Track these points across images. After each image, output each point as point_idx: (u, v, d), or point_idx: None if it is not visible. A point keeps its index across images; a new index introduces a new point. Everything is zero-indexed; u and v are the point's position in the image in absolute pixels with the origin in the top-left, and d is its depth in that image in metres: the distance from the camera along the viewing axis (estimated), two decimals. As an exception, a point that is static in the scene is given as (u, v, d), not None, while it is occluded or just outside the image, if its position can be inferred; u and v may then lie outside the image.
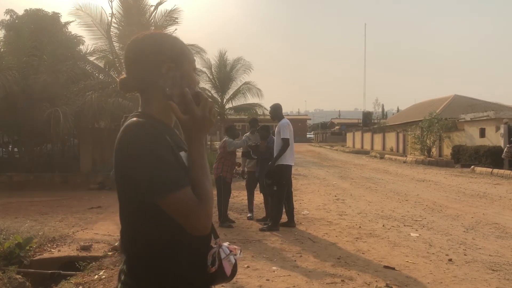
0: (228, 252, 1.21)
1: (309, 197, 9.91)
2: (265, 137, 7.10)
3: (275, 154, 6.50)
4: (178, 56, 1.23)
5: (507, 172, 15.28)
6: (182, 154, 1.19)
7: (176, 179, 1.08)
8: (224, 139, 7.17)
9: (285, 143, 6.40)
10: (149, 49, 1.23)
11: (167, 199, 1.06)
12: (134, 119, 1.15)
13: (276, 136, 6.61)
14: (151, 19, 14.78)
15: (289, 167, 6.55)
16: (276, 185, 6.49)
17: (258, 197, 7.92)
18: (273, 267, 4.62)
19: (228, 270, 1.18)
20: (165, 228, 1.11)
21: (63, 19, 14.91)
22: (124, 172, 1.12)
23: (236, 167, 7.29)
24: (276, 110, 6.89)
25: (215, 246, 1.23)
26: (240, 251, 1.26)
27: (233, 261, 1.20)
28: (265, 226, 6.57)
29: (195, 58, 1.34)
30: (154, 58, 1.21)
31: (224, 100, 27.10)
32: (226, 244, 1.24)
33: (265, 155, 6.94)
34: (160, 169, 1.07)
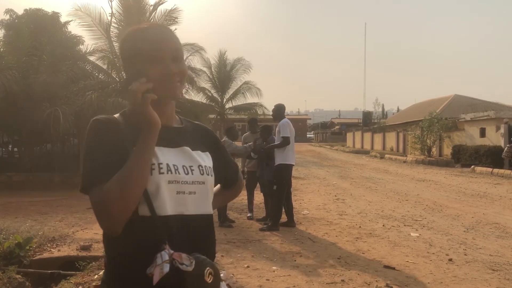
0: (166, 258, 1.06)
1: (309, 197, 9.90)
2: (266, 138, 7.09)
3: (276, 154, 6.50)
4: (130, 53, 1.21)
5: (507, 172, 15.27)
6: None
7: (95, 175, 1.08)
8: (223, 140, 7.13)
9: (285, 141, 6.40)
10: (120, 47, 1.27)
11: (87, 193, 1.09)
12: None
13: (277, 135, 6.63)
14: (151, 18, 14.77)
15: (290, 167, 6.56)
16: (276, 185, 6.50)
17: (258, 197, 7.91)
18: (273, 267, 4.61)
19: (156, 277, 1.04)
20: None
21: (62, 19, 14.90)
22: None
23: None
24: (279, 110, 6.88)
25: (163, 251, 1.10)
26: (192, 262, 1.07)
27: (166, 269, 1.05)
28: (265, 226, 6.57)
29: (193, 57, 1.31)
30: (123, 56, 1.26)
31: (224, 100, 27.10)
32: (171, 251, 1.08)
33: (262, 154, 6.95)
34: (86, 165, 1.11)
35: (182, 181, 1.16)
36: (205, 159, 1.27)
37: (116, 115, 1.22)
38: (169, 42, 1.20)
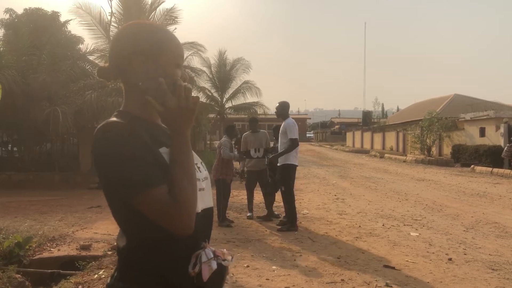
0: (211, 256, 1.11)
1: (309, 197, 9.90)
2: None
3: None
4: (152, 49, 1.17)
5: (507, 171, 15.28)
6: (165, 150, 1.13)
7: (145, 178, 1.02)
8: (221, 141, 7.12)
9: (294, 143, 6.30)
10: (123, 40, 1.21)
11: (136, 198, 1.03)
12: (108, 120, 1.12)
13: (281, 136, 6.49)
14: (151, 18, 14.77)
15: (294, 167, 6.49)
16: (284, 185, 6.43)
17: (258, 197, 7.91)
18: (273, 267, 4.61)
19: (205, 275, 1.08)
20: (145, 227, 1.07)
21: (62, 18, 14.90)
22: (100, 172, 1.10)
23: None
24: (284, 108, 6.72)
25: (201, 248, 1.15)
26: (232, 257, 1.16)
27: (214, 266, 1.10)
28: (284, 226, 6.46)
29: (193, 56, 1.31)
30: (126, 50, 1.18)
31: (224, 99, 27.11)
32: (213, 248, 1.15)
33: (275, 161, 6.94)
34: (127, 169, 1.03)
35: (199, 178, 1.20)
36: (198, 157, 1.31)
37: (117, 118, 1.14)
38: (182, 50, 1.25)
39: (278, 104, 6.79)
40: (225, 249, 1.15)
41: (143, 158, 1.05)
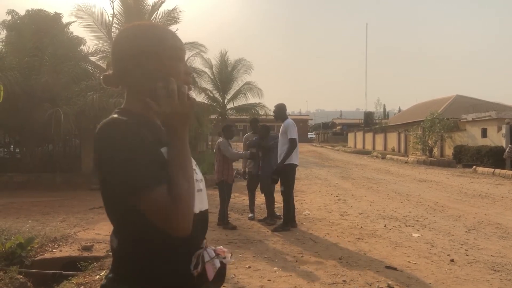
0: (214, 255, 1.12)
1: (310, 198, 9.90)
2: (266, 136, 7.09)
3: (279, 154, 6.48)
4: (149, 49, 1.16)
5: (509, 172, 15.24)
6: (166, 150, 1.13)
7: (145, 178, 1.02)
8: (218, 141, 7.04)
9: (294, 143, 6.33)
10: (121, 44, 1.20)
11: (135, 198, 1.02)
12: (109, 118, 1.12)
13: (281, 136, 6.51)
14: (152, 19, 14.80)
15: (294, 166, 6.52)
16: (283, 185, 6.46)
17: (260, 198, 7.91)
18: (274, 268, 4.61)
19: (210, 274, 1.09)
20: (144, 228, 1.06)
21: (64, 20, 14.93)
22: (101, 170, 1.09)
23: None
24: (281, 110, 6.79)
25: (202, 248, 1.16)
26: (231, 255, 1.18)
27: (218, 264, 1.11)
28: (278, 227, 6.50)
29: (195, 57, 1.31)
30: (125, 53, 1.18)
31: (226, 100, 27.11)
32: (214, 247, 1.16)
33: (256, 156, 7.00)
34: (128, 168, 1.03)
35: (197, 180, 1.19)
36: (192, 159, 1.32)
37: (119, 116, 1.14)
38: (182, 43, 1.25)
39: (275, 108, 6.91)
40: (221, 246, 1.16)
41: (144, 157, 1.04)
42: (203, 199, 1.23)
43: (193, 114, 1.12)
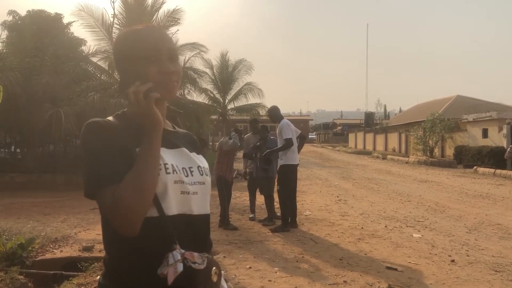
0: (178, 258, 1.06)
1: (311, 198, 9.89)
2: (266, 136, 7.12)
3: (279, 155, 6.55)
4: (127, 54, 1.19)
5: (510, 172, 15.23)
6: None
7: (98, 176, 1.05)
8: (220, 141, 7.16)
9: (288, 143, 6.40)
10: (113, 48, 1.28)
11: (93, 196, 1.07)
12: (92, 119, 1.17)
13: (278, 137, 6.60)
14: (153, 19, 14.80)
15: (293, 167, 6.54)
16: (279, 186, 6.50)
17: (260, 198, 7.91)
18: (275, 268, 4.61)
19: (170, 277, 1.04)
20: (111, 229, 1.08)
21: (65, 20, 14.95)
22: None
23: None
24: (274, 112, 6.90)
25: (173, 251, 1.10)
26: (204, 260, 1.09)
27: (180, 269, 1.05)
28: (277, 227, 6.50)
29: (195, 58, 1.30)
30: (115, 57, 1.26)
31: (226, 101, 27.14)
32: (182, 250, 1.09)
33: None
34: (87, 166, 1.08)
35: (185, 181, 1.17)
36: (202, 161, 1.29)
37: (110, 118, 1.20)
38: (165, 42, 1.21)
39: (268, 112, 7.11)
40: (196, 253, 1.09)
41: (103, 157, 1.08)
42: (193, 203, 1.18)
43: (154, 112, 1.09)
